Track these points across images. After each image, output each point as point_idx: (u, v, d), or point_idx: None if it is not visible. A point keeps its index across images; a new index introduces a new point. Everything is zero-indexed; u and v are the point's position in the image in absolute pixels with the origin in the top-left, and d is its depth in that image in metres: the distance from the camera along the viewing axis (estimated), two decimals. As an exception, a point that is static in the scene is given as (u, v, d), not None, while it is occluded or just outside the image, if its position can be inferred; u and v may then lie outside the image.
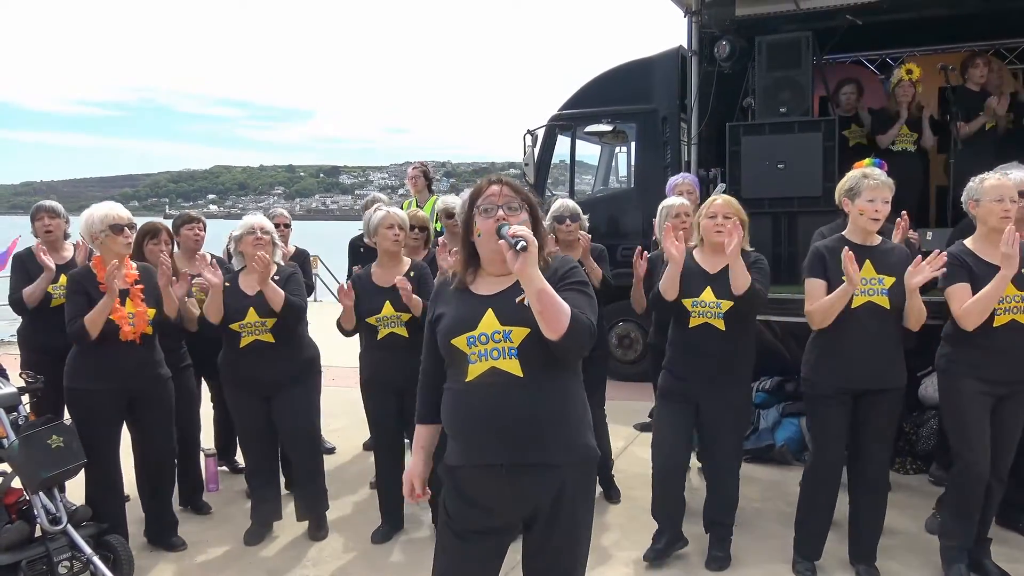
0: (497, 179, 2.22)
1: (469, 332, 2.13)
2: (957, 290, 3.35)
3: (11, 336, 11.03)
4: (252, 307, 3.84)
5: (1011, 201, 3.28)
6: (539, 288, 1.97)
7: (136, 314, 3.64)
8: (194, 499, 4.47)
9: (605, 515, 4.38)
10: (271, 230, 3.96)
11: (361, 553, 3.94)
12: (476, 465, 2.15)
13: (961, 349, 3.38)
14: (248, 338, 3.86)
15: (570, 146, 7.83)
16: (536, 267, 1.97)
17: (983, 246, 3.36)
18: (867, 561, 3.55)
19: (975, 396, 3.34)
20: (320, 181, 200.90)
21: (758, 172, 5.55)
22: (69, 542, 3.35)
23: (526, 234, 1.95)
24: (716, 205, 3.60)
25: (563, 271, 2.18)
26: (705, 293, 3.55)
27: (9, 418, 3.45)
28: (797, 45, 5.52)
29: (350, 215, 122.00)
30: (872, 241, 3.46)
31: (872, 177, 3.42)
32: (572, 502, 2.17)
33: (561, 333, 2.01)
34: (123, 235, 3.63)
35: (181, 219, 4.77)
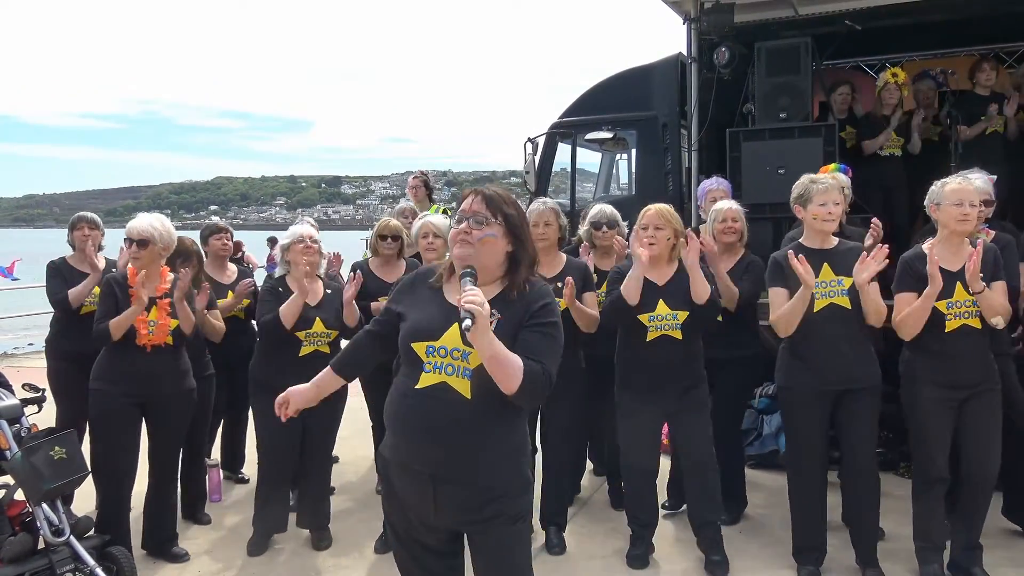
0: (473, 190, 2.22)
1: (430, 342, 2.14)
2: (901, 299, 3.41)
3: (14, 348, 11.09)
4: (319, 317, 3.88)
5: (970, 205, 3.32)
6: (489, 355, 1.99)
7: (158, 323, 3.70)
8: (196, 509, 4.47)
9: (611, 521, 4.37)
10: (319, 239, 3.99)
11: (363, 562, 3.93)
12: (403, 464, 2.19)
13: (918, 355, 3.44)
14: (309, 348, 3.89)
15: (571, 154, 7.82)
16: (486, 334, 1.95)
17: (941, 249, 3.37)
18: (869, 563, 3.55)
19: (934, 403, 3.39)
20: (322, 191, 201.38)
21: (759, 178, 5.54)
22: (72, 554, 3.34)
23: (474, 308, 1.91)
24: (647, 216, 3.61)
25: (535, 307, 2.15)
26: (659, 306, 3.58)
27: (12, 430, 3.46)
28: (796, 51, 5.53)
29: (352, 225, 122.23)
30: (828, 244, 3.53)
31: (820, 182, 3.50)
32: (499, 528, 2.17)
33: (513, 391, 2.03)
34: (130, 249, 3.73)
35: (209, 229, 4.93)
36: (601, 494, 4.77)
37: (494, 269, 2.18)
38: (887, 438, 4.86)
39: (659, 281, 3.63)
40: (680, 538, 4.05)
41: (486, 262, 2.14)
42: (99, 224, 4.59)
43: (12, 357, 10.13)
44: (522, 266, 2.19)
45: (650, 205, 3.71)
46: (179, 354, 3.85)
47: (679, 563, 3.83)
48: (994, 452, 3.41)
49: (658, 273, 3.64)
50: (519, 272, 2.19)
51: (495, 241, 2.15)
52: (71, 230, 4.51)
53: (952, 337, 3.34)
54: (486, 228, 2.14)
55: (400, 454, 2.20)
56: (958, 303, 3.32)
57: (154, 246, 3.75)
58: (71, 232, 4.50)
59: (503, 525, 2.18)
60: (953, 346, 3.34)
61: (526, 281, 2.19)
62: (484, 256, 2.14)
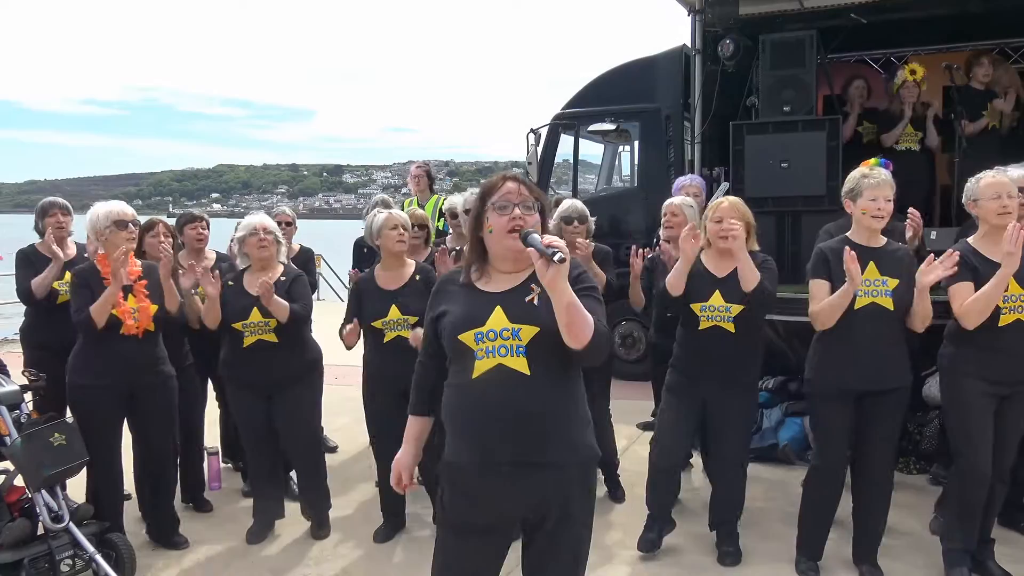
0: (513, 177, 2.20)
1: (477, 328, 2.12)
2: (959, 288, 3.33)
3: (14, 334, 11.08)
4: (256, 307, 3.82)
5: (1008, 197, 3.28)
6: (568, 301, 1.97)
7: (139, 309, 3.68)
8: (196, 497, 4.47)
9: (609, 513, 4.38)
10: (274, 229, 3.95)
11: (363, 552, 3.93)
12: (478, 462, 2.14)
13: (965, 348, 3.36)
14: (251, 338, 3.85)
15: (573, 145, 7.82)
16: (566, 279, 1.96)
17: (986, 244, 3.35)
18: (870, 561, 3.54)
19: (979, 396, 3.32)
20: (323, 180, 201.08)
21: (762, 171, 5.53)
22: (71, 540, 3.35)
23: (562, 246, 1.93)
24: (722, 208, 3.59)
25: (575, 274, 2.14)
26: (714, 297, 3.56)
27: (11, 416, 3.45)
28: (801, 44, 5.50)
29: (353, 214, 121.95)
30: (876, 242, 3.45)
31: (872, 176, 3.41)
32: (573, 503, 2.17)
33: (585, 343, 2.01)
34: (127, 231, 3.69)
35: (184, 218, 4.77)
36: (599, 486, 4.76)
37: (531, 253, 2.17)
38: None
39: (719, 273, 3.60)
40: (690, 531, 4.04)
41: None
42: (70, 210, 4.46)
43: (12, 343, 10.12)
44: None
45: (722, 198, 3.71)
46: (158, 341, 3.82)
47: (691, 555, 3.83)
48: (1016, 451, 3.39)
49: (720, 265, 3.61)
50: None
51: (539, 227, 2.15)
52: (42, 216, 4.37)
53: (1004, 331, 3.28)
54: (534, 214, 2.15)
55: (471, 451, 2.15)
56: (1013, 297, 3.25)
57: (136, 229, 3.77)
58: (42, 218, 4.37)
59: (572, 520, 2.18)
60: (1005, 341, 3.27)
61: None
62: None
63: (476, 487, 2.17)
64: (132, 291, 3.69)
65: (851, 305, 3.34)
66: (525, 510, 2.18)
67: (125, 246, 3.63)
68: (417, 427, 2.40)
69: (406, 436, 2.40)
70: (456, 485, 2.21)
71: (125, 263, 3.60)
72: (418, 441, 2.39)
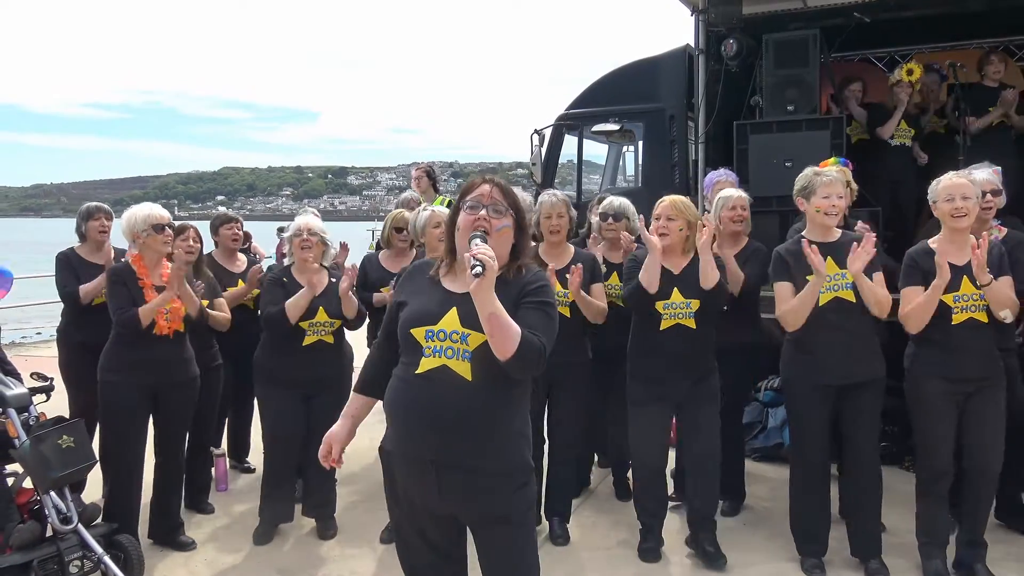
0: (490, 179, 2.24)
1: (429, 326, 2.16)
2: (908, 292, 3.41)
3: (22, 338, 11.14)
4: (322, 307, 3.89)
5: (963, 199, 3.31)
6: (489, 312, 2.01)
7: (171, 310, 3.75)
8: (202, 499, 4.49)
9: (615, 513, 4.39)
10: (319, 230, 3.98)
11: (370, 552, 3.95)
12: (406, 455, 2.19)
13: (924, 348, 3.43)
14: (312, 337, 3.91)
15: (577, 145, 7.81)
16: (490, 291, 1.99)
17: (946, 245, 3.39)
18: (873, 555, 3.55)
19: (939, 396, 3.38)
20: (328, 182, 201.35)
21: (766, 170, 5.52)
22: (80, 541, 3.36)
23: (485, 259, 1.96)
24: (661, 207, 3.66)
25: (532, 287, 2.18)
26: (674, 294, 3.60)
27: (20, 418, 3.47)
28: (804, 43, 5.50)
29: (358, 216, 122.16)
30: (831, 237, 3.52)
31: (824, 174, 3.51)
32: (504, 510, 2.18)
33: (508, 356, 2.04)
34: (163, 234, 3.78)
35: (219, 219, 4.91)
36: (606, 485, 4.78)
37: (502, 259, 2.19)
38: (892, 432, 4.86)
39: (675, 269, 3.65)
40: (685, 531, 4.04)
41: (498, 252, 2.15)
42: (112, 215, 4.53)
43: (20, 346, 10.17)
44: (521, 255, 2.22)
45: (665, 196, 3.73)
46: (185, 341, 3.89)
47: (686, 555, 3.83)
48: (997, 447, 3.41)
49: (674, 262, 3.66)
50: (516, 260, 2.23)
51: (508, 233, 2.18)
52: (86, 219, 4.43)
53: (958, 330, 3.34)
54: (504, 219, 2.17)
55: (402, 443, 2.20)
56: (965, 296, 3.32)
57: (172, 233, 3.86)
58: (86, 221, 4.43)
59: (509, 522, 2.19)
60: (959, 340, 3.34)
61: (523, 266, 2.22)
62: (498, 247, 2.15)
63: (403, 479, 2.23)
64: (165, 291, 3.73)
65: (816, 302, 3.40)
66: (449, 506, 2.21)
67: (183, 257, 3.76)
68: (356, 405, 2.43)
69: (344, 411, 2.44)
70: (389, 471, 2.28)
71: (182, 272, 3.68)
72: (355, 419, 2.42)
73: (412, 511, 2.27)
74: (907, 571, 3.58)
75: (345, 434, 2.39)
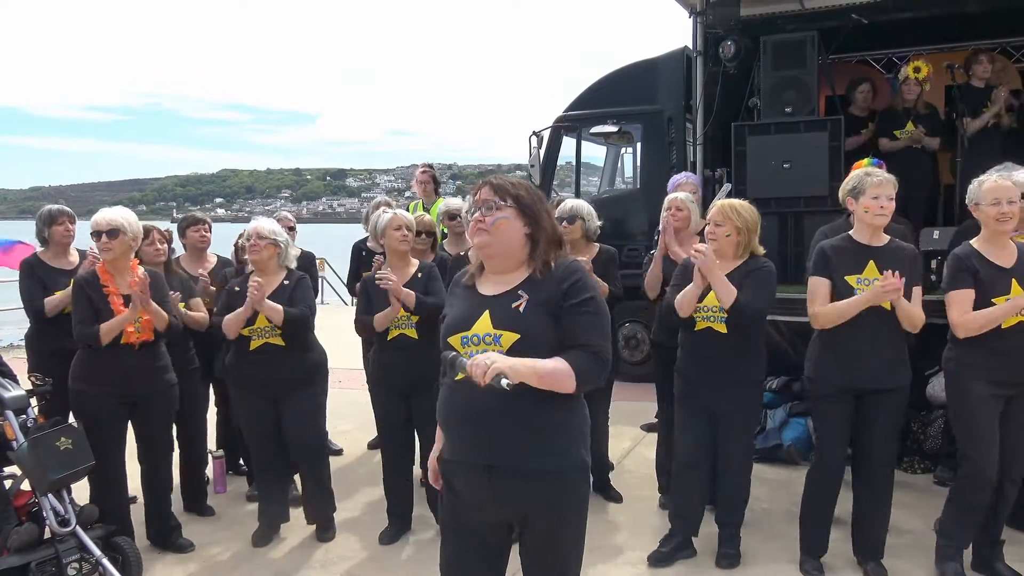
0: (489, 181, 2.23)
1: (464, 332, 2.16)
2: (958, 296, 3.33)
3: (20, 340, 11.12)
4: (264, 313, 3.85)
5: (1008, 203, 3.26)
6: (537, 378, 2.03)
7: (141, 320, 3.67)
8: (199, 501, 4.48)
9: (610, 515, 4.39)
10: (269, 234, 3.91)
11: (369, 554, 3.94)
12: (460, 462, 2.19)
13: (969, 351, 3.35)
14: (258, 341, 3.87)
15: (576, 147, 7.83)
16: (522, 367, 2.00)
17: (989, 247, 3.34)
18: (874, 559, 3.54)
19: (985, 399, 3.31)
20: (327, 184, 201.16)
21: (764, 172, 5.54)
22: (78, 543, 3.36)
23: (493, 369, 1.93)
24: (711, 212, 3.64)
25: (567, 285, 2.14)
26: (708, 298, 3.55)
27: (18, 420, 3.47)
28: (802, 45, 5.51)
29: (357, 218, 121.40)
30: (878, 241, 3.45)
31: (875, 175, 3.42)
32: (557, 510, 2.18)
33: (573, 390, 2.08)
34: (99, 241, 3.67)
35: (186, 221, 4.81)
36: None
37: (517, 252, 2.19)
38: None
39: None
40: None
41: (505, 246, 2.16)
42: (75, 218, 4.43)
43: (18, 348, 10.15)
44: (541, 244, 2.18)
45: (718, 200, 3.72)
46: (159, 349, 3.83)
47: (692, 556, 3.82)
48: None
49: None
50: (538, 250, 2.18)
51: (508, 223, 2.16)
52: (49, 224, 4.30)
53: (1008, 334, 3.27)
54: (497, 212, 2.16)
55: (456, 451, 2.20)
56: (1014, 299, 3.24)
57: (124, 236, 3.69)
58: (49, 227, 4.30)
59: (560, 521, 2.19)
60: (1009, 343, 3.27)
61: (552, 259, 2.19)
62: (502, 240, 2.16)
63: (461, 485, 2.22)
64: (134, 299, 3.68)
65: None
66: (507, 514, 2.21)
67: (141, 278, 3.61)
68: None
69: (438, 434, 2.39)
70: (447, 480, 2.27)
71: (145, 291, 3.59)
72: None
73: (469, 521, 2.25)
74: (904, 572, 3.58)
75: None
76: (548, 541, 2.21)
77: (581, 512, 2.26)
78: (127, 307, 3.64)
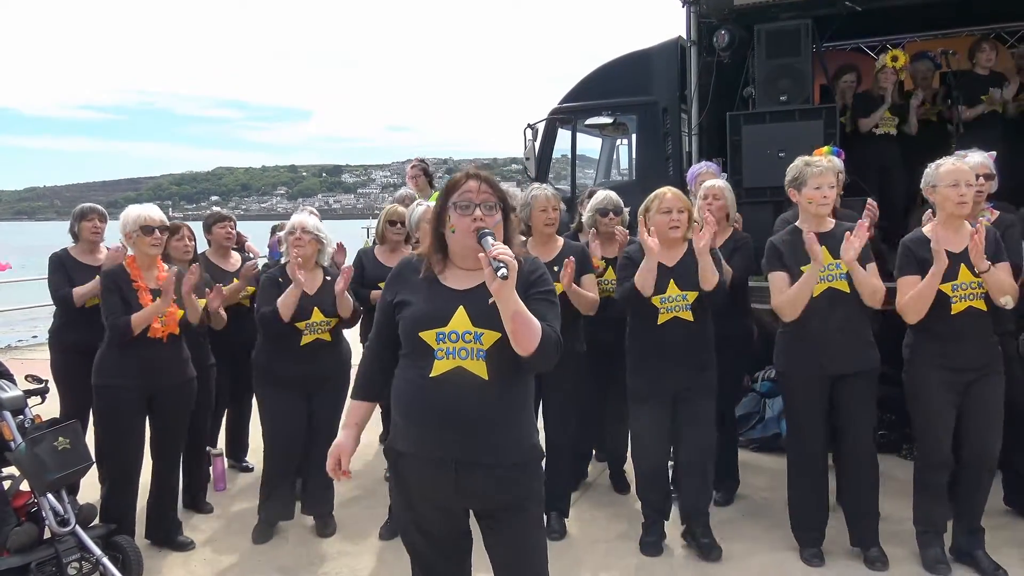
0: (475, 174, 2.22)
1: (439, 328, 2.15)
2: (905, 282, 3.38)
3: (18, 341, 11.12)
4: (316, 307, 3.88)
5: (967, 185, 3.28)
6: (514, 310, 2.02)
7: (167, 313, 3.71)
8: (198, 499, 4.48)
9: (614, 506, 4.39)
10: (313, 229, 3.94)
11: (369, 550, 3.95)
12: (427, 457, 2.18)
13: (923, 339, 3.41)
14: (310, 336, 3.89)
15: (571, 139, 7.81)
16: (513, 289, 1.99)
17: (942, 231, 3.34)
18: (872, 544, 3.56)
19: (939, 386, 3.37)
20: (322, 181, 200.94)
21: (759, 161, 5.51)
22: (78, 543, 3.36)
23: (508, 260, 1.97)
24: (668, 199, 3.60)
25: (533, 277, 2.19)
26: (670, 287, 3.57)
27: (16, 421, 3.46)
28: (796, 33, 5.49)
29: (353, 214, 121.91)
30: (825, 227, 3.51)
31: (815, 164, 3.48)
32: (520, 496, 2.21)
33: (531, 351, 2.06)
34: (152, 236, 3.74)
35: (213, 217, 4.91)
36: (604, 479, 4.78)
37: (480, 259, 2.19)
38: (890, 420, 4.87)
39: (669, 263, 3.62)
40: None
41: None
42: (106, 216, 4.51)
43: (16, 349, 10.15)
44: (512, 246, 2.20)
45: (663, 189, 3.69)
46: (182, 344, 3.87)
47: (684, 547, 3.83)
48: (996, 435, 3.41)
49: (669, 255, 3.63)
50: (513, 245, 2.20)
51: (500, 227, 2.19)
52: (79, 220, 4.41)
53: (958, 319, 3.31)
54: (496, 214, 2.17)
55: (420, 444, 2.19)
56: (963, 285, 3.29)
57: (165, 234, 3.84)
58: (79, 222, 4.41)
59: (523, 509, 2.22)
60: (959, 328, 3.31)
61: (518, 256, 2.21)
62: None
63: (418, 479, 2.22)
64: (160, 295, 3.70)
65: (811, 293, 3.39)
66: (468, 501, 2.24)
67: (175, 268, 3.76)
68: (360, 412, 2.39)
69: (347, 421, 2.40)
70: (399, 473, 2.26)
71: (171, 283, 3.66)
72: (359, 426, 2.39)
73: (422, 510, 2.27)
74: (905, 559, 3.59)
75: (351, 444, 2.36)
76: (515, 521, 2.23)
77: (539, 496, 2.29)
78: (154, 301, 3.68)
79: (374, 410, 2.43)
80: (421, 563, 2.37)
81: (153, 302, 3.68)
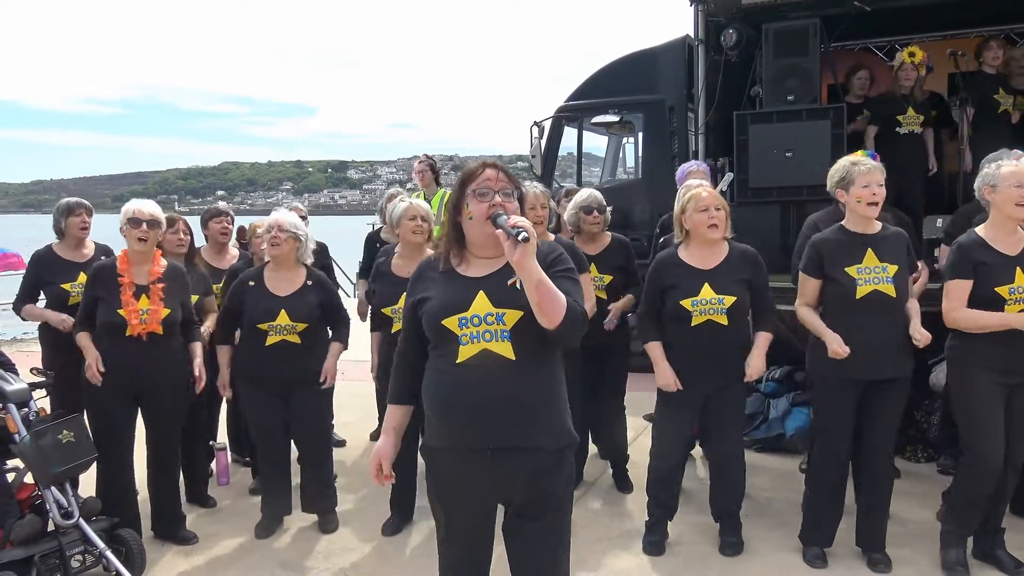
0: (492, 164, 2.23)
1: (461, 313, 2.14)
2: (955, 286, 3.30)
3: (23, 334, 11.14)
4: (284, 309, 3.85)
5: None
6: (538, 279, 2.00)
7: (150, 311, 3.68)
8: (201, 493, 4.49)
9: (618, 504, 4.39)
10: (290, 227, 3.90)
11: (372, 545, 3.95)
12: (461, 447, 2.17)
13: (971, 340, 3.32)
14: (275, 338, 3.87)
15: (577, 137, 7.81)
16: (534, 258, 1.99)
17: (996, 234, 3.29)
18: (877, 548, 3.53)
19: (988, 387, 3.28)
20: (328, 176, 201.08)
21: (766, 161, 5.52)
22: (81, 536, 3.37)
23: (527, 225, 1.98)
24: (704, 198, 3.53)
25: (551, 257, 2.18)
26: (704, 291, 3.51)
27: (20, 414, 3.47)
28: (804, 32, 5.49)
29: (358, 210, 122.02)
30: (872, 229, 3.42)
31: (862, 163, 3.40)
32: (551, 485, 2.19)
33: (557, 323, 2.03)
34: (139, 230, 3.70)
35: (209, 213, 4.86)
36: (607, 477, 4.77)
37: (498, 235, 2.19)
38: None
39: (705, 266, 3.55)
40: (694, 522, 4.04)
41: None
42: (92, 211, 4.45)
43: (21, 342, 10.17)
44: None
45: (695, 186, 3.64)
46: (170, 343, 3.79)
47: (695, 546, 3.83)
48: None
49: (704, 258, 3.56)
50: None
51: (517, 214, 2.17)
52: (66, 215, 4.31)
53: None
54: (514, 201, 2.18)
55: (452, 436, 2.18)
56: (1019, 288, 3.21)
57: (159, 230, 3.79)
58: (65, 217, 4.31)
59: (557, 506, 2.21)
60: (1013, 333, 3.22)
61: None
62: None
63: (454, 472, 2.21)
64: (148, 292, 3.70)
65: (853, 294, 3.33)
66: (504, 492, 2.22)
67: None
68: (397, 416, 2.38)
69: (386, 426, 2.40)
70: (435, 470, 2.26)
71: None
72: (398, 431, 2.38)
73: (458, 507, 2.26)
74: (907, 560, 3.57)
75: (391, 449, 2.35)
76: (544, 512, 2.21)
77: (571, 484, 2.29)
78: (136, 298, 3.66)
79: (411, 413, 2.40)
80: (447, 563, 2.36)
81: (137, 299, 3.65)
